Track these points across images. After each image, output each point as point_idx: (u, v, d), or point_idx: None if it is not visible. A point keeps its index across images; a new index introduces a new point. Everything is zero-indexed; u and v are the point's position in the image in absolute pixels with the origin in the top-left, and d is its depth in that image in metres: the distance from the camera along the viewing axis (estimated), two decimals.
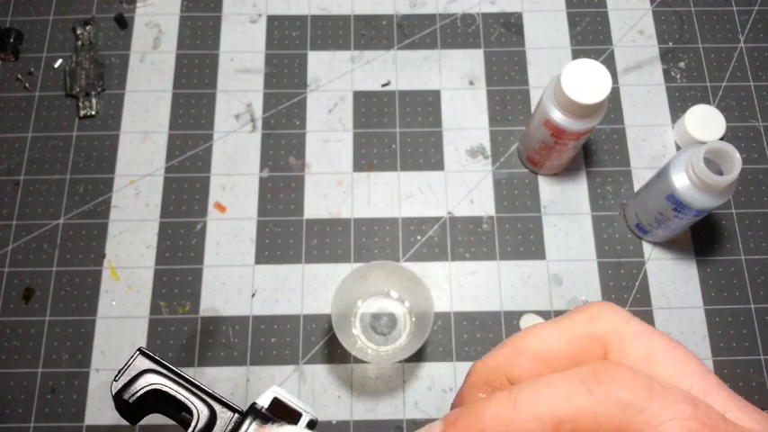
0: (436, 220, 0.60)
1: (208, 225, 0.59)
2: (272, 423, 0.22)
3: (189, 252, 0.58)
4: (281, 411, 0.23)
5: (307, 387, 0.54)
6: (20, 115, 0.63)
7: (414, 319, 0.56)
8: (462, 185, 0.61)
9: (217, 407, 0.22)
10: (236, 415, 0.22)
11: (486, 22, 0.67)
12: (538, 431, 0.15)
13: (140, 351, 0.23)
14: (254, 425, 0.22)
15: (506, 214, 0.60)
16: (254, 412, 0.22)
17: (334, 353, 0.55)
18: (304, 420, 0.23)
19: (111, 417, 0.53)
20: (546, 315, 0.57)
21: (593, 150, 0.62)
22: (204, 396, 0.22)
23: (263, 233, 0.59)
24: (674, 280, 0.58)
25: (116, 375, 0.22)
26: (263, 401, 0.22)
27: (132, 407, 0.22)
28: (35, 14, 0.67)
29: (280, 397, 0.23)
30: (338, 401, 0.54)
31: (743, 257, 0.59)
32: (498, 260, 0.58)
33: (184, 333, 0.56)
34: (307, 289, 0.57)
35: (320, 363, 0.55)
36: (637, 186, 0.61)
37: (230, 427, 0.22)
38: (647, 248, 0.59)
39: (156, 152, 0.62)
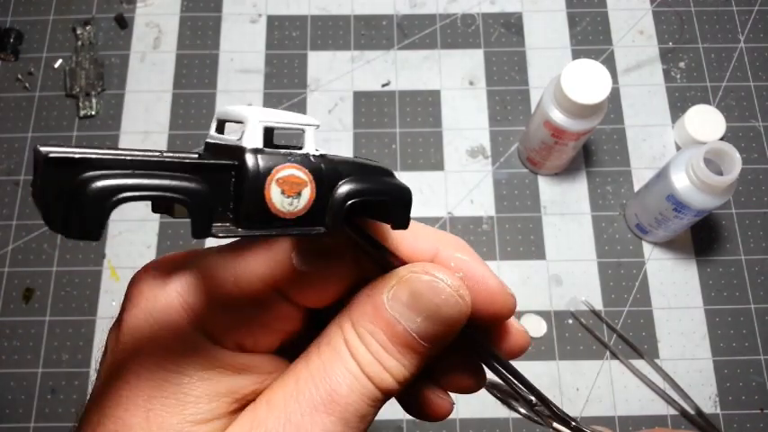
0: (436, 220, 0.60)
1: None
2: (283, 155, 0.18)
3: None
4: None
5: None
6: (20, 115, 0.63)
7: None
8: (462, 185, 0.61)
9: (204, 178, 0.17)
10: (232, 173, 0.18)
11: (486, 22, 0.67)
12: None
13: (46, 159, 0.14)
14: (262, 164, 0.17)
15: (506, 214, 0.60)
16: (252, 156, 0.17)
17: None
18: (310, 137, 0.19)
19: None
20: (546, 315, 0.57)
21: (593, 150, 0.62)
22: (178, 175, 0.16)
23: None
24: (674, 280, 0.58)
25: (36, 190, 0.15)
26: (253, 141, 0.18)
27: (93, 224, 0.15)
28: (35, 14, 0.67)
29: (271, 125, 0.18)
30: None
31: (743, 257, 0.59)
32: (498, 260, 0.58)
33: None
34: None
35: None
36: (637, 186, 0.61)
37: (233, 189, 0.17)
38: (647, 248, 0.59)
39: None
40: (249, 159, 0.17)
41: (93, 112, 0.63)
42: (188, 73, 0.65)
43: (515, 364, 0.26)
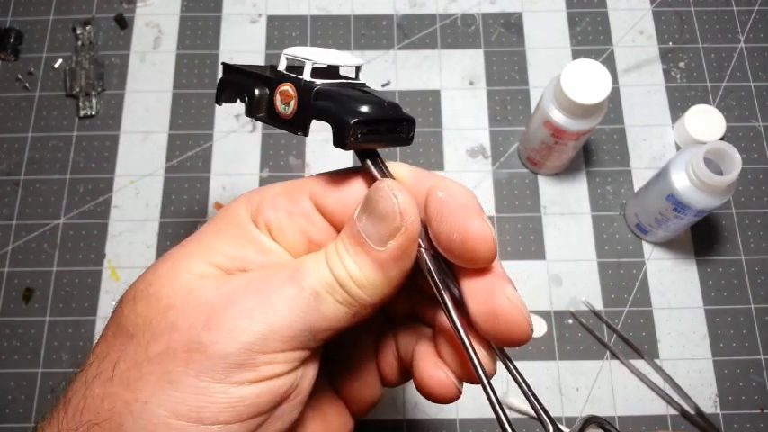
0: None
1: None
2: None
3: None
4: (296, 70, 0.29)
5: None
6: (20, 115, 0.63)
7: None
8: None
9: (264, 85, 0.29)
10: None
11: (486, 22, 0.67)
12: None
13: (225, 65, 0.32)
14: (275, 80, 0.28)
15: (506, 214, 0.60)
16: (276, 74, 0.29)
17: None
18: (308, 68, 0.28)
19: None
20: (546, 315, 0.57)
21: (593, 150, 0.62)
22: (256, 82, 0.29)
23: None
24: (673, 280, 0.58)
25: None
26: (281, 66, 0.29)
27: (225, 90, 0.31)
28: (35, 14, 0.67)
29: (290, 56, 0.28)
30: None
31: (743, 257, 0.59)
32: (498, 260, 0.58)
33: None
34: None
35: None
36: (637, 186, 0.61)
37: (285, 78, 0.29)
38: (647, 248, 0.59)
39: (156, 152, 0.62)
40: (274, 76, 0.29)
41: (93, 112, 0.63)
42: (188, 73, 0.65)
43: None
